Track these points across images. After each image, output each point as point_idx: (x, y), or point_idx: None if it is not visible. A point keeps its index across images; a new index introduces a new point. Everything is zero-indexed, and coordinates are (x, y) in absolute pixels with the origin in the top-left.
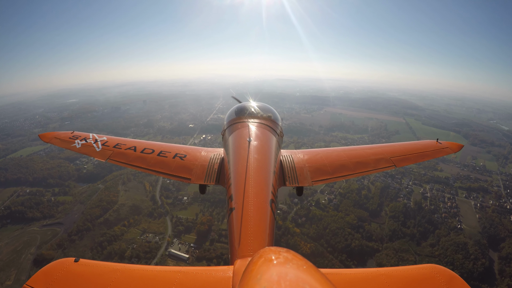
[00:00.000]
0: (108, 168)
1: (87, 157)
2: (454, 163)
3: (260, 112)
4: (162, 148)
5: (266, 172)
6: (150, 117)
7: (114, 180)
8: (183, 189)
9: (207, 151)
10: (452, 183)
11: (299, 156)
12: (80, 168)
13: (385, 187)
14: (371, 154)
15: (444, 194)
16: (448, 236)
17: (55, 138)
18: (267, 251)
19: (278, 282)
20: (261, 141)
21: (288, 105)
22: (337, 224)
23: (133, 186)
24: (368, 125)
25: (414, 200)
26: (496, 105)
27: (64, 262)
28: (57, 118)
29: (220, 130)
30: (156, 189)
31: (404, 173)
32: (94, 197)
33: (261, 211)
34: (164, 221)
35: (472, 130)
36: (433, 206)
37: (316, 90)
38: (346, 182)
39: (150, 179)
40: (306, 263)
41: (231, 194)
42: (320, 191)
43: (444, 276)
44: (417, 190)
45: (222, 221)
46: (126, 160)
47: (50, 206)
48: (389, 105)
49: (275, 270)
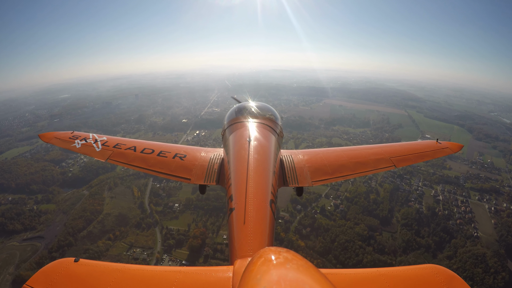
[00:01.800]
0: (94, 172)
1: (73, 159)
2: (462, 160)
3: (260, 112)
4: (162, 148)
5: (266, 172)
6: (142, 112)
7: (100, 186)
8: (174, 194)
9: (207, 151)
10: (463, 183)
11: (299, 156)
12: (65, 171)
13: (394, 190)
14: (371, 154)
15: (457, 196)
16: (465, 247)
17: (55, 138)
18: (267, 251)
19: (278, 282)
20: (261, 141)
21: (286, 96)
22: (346, 236)
23: (120, 191)
24: (370, 118)
25: (426, 205)
26: (495, 96)
27: (64, 262)
28: (47, 115)
29: (214, 125)
30: (145, 194)
31: (413, 172)
32: (77, 206)
33: (261, 211)
34: (153, 233)
35: (475, 123)
36: (447, 211)
37: (313, 81)
38: (353, 185)
39: (138, 183)
40: (306, 263)
41: (231, 194)
42: (325, 196)
43: (444, 276)
44: (428, 192)
45: (218, 233)
46: (126, 160)
47: (32, 217)
48: (389, 96)
49: (275, 270)
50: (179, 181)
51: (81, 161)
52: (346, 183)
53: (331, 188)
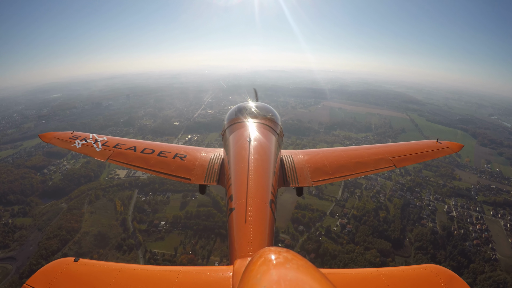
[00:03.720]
0: (76, 181)
1: (55, 165)
2: (470, 168)
3: (260, 112)
4: (162, 148)
5: (266, 172)
6: (132, 114)
7: (80, 198)
8: (160, 210)
9: (207, 151)
10: (475, 195)
11: (299, 156)
12: (46, 179)
13: (405, 205)
14: (371, 154)
15: (471, 212)
16: (484, 273)
17: (55, 138)
18: (267, 251)
19: (278, 282)
20: (261, 141)
21: (283, 98)
22: (355, 263)
23: (102, 205)
24: (372, 122)
25: (440, 223)
26: (493, 99)
27: (64, 262)
28: (35, 116)
29: (208, 129)
30: (128, 209)
31: (422, 184)
32: (54, 222)
33: (261, 211)
34: (135, 257)
35: (477, 127)
36: (462, 230)
37: (310, 82)
38: (360, 200)
39: (122, 196)
40: (306, 263)
41: (231, 194)
42: (330, 214)
43: (444, 276)
44: (441, 207)
45: (208, 259)
46: (126, 160)
47: (6, 233)
48: (389, 98)
49: (275, 270)
50: (179, 181)
51: (63, 167)
52: (352, 198)
53: (336, 204)
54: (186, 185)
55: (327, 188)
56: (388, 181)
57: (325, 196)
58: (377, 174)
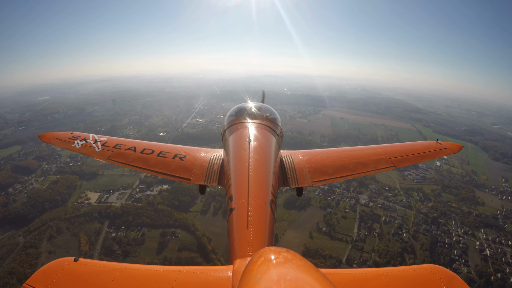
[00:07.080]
0: (39, 206)
1: (22, 183)
2: (490, 189)
3: (259, 113)
4: (162, 149)
5: (266, 172)
6: (115, 122)
7: (40, 231)
8: (132, 252)
9: (207, 152)
10: (503, 224)
11: (299, 157)
12: (9, 201)
13: (433, 244)
14: (370, 155)
15: (504, 248)
16: None
17: (55, 138)
18: (266, 251)
19: (278, 281)
20: (261, 141)
21: (280, 106)
22: None
23: (63, 242)
24: (378, 134)
25: (475, 268)
26: (492, 107)
27: (64, 262)
28: (16, 121)
29: (196, 141)
30: (95, 248)
31: (446, 213)
32: (5, 264)
33: (261, 211)
34: None
35: (485, 139)
36: (499, 274)
37: (307, 88)
38: (381, 240)
39: (89, 230)
40: (306, 263)
41: (231, 194)
42: (347, 261)
43: (444, 276)
44: (472, 244)
45: None
46: (126, 160)
47: None
48: (390, 107)
49: (275, 270)
50: (179, 181)
51: (30, 186)
52: (371, 237)
53: (353, 246)
54: (166, 219)
55: (339, 223)
56: (408, 210)
57: (338, 234)
58: (395, 202)
